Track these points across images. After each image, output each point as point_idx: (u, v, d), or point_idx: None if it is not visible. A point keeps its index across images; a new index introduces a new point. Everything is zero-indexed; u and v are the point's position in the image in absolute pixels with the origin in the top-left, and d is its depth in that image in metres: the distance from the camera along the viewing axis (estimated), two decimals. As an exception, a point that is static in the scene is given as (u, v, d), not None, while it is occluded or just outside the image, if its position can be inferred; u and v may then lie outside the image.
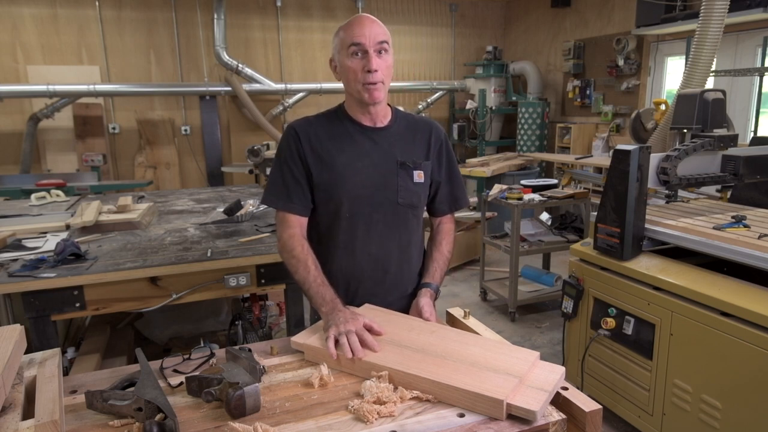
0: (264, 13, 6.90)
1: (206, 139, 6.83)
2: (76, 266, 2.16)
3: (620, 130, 6.17)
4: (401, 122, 1.68)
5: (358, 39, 1.48)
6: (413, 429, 1.04)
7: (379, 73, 1.50)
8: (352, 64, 1.50)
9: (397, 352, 1.26)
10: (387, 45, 1.52)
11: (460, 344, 1.28)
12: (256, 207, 3.08)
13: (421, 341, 1.31)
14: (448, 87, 7.70)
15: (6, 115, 6.02)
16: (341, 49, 1.52)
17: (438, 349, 1.25)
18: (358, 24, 1.50)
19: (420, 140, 1.68)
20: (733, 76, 4.89)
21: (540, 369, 1.17)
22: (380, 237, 1.62)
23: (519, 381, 1.11)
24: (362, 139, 1.61)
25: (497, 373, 1.14)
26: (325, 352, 1.28)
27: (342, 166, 1.58)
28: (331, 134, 1.61)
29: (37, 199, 3.61)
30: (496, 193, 4.20)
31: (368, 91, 1.52)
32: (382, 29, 1.52)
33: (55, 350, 1.28)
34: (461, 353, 1.23)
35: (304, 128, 1.61)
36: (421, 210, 1.73)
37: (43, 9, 6.00)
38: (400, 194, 1.62)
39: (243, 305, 3.07)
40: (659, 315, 2.31)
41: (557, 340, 3.68)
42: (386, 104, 1.64)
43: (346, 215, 1.60)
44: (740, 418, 2.01)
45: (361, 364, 1.24)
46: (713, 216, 2.60)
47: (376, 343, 1.29)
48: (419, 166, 1.64)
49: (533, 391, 1.09)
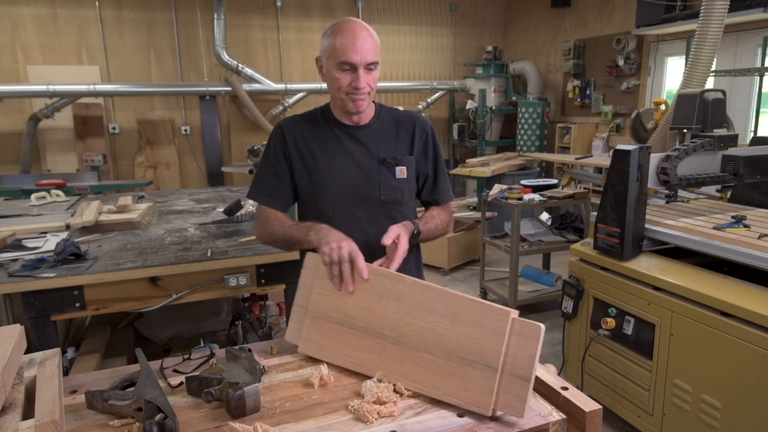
0: (264, 13, 6.89)
1: (206, 139, 6.83)
2: (76, 266, 2.16)
3: (620, 130, 6.16)
4: (384, 118, 1.70)
5: (350, 59, 1.49)
6: (413, 429, 1.04)
7: (366, 87, 1.53)
8: (340, 77, 1.52)
9: (378, 349, 1.24)
10: (377, 62, 1.54)
11: (430, 319, 1.18)
12: (256, 207, 3.08)
13: (391, 319, 1.23)
14: (448, 87, 7.70)
15: (6, 115, 6.02)
16: (330, 57, 1.53)
17: (413, 336, 1.19)
18: (351, 39, 1.49)
19: (404, 135, 1.69)
20: (733, 76, 4.89)
21: (517, 338, 1.08)
22: (363, 234, 1.60)
23: (499, 373, 1.07)
24: (345, 139, 1.64)
25: (475, 368, 1.10)
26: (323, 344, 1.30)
27: (324, 165, 1.63)
28: (315, 134, 1.65)
29: (37, 199, 3.60)
30: (496, 193, 4.20)
31: (353, 101, 1.55)
32: (373, 45, 1.52)
33: (55, 350, 1.28)
34: (434, 337, 1.17)
35: (290, 127, 1.66)
36: (409, 204, 1.73)
37: (43, 9, 6.00)
38: (383, 191, 1.64)
39: (243, 305, 3.07)
40: (659, 315, 2.31)
41: (557, 340, 3.68)
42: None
43: (328, 212, 1.63)
44: (740, 418, 2.01)
45: (350, 358, 1.26)
46: (713, 216, 2.60)
47: (365, 269, 1.29)
48: (401, 162, 1.66)
49: (516, 384, 1.05)
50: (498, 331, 1.09)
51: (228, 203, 3.15)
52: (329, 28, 1.55)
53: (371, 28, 1.56)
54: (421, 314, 1.20)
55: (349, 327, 1.30)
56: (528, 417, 1.06)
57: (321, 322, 1.34)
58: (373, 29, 1.58)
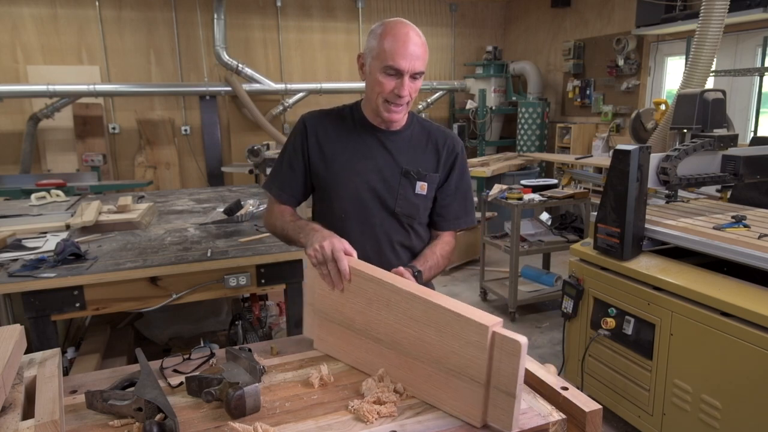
0: (264, 13, 6.90)
1: (206, 139, 6.83)
2: (76, 266, 2.16)
3: (620, 130, 6.16)
4: (416, 128, 1.64)
5: (398, 65, 1.43)
6: (413, 429, 1.04)
7: (408, 96, 1.48)
8: (384, 81, 1.47)
9: (377, 352, 1.23)
10: (422, 73, 1.49)
11: (417, 328, 1.15)
12: (256, 207, 3.08)
13: (383, 324, 1.22)
14: (448, 87, 7.70)
15: (6, 115, 6.02)
16: (376, 59, 1.46)
17: (404, 343, 1.17)
18: (402, 44, 1.43)
19: (431, 150, 1.63)
20: (733, 76, 4.89)
21: (499, 352, 1.02)
22: (375, 241, 1.60)
23: (485, 386, 1.04)
24: (371, 141, 1.59)
25: (462, 380, 1.07)
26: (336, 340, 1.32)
27: (341, 166, 1.57)
28: (340, 132, 1.60)
29: (37, 199, 3.60)
30: (496, 193, 4.20)
31: (389, 110, 1.51)
32: (423, 53, 1.46)
33: (55, 350, 1.28)
34: (423, 346, 1.13)
35: (314, 122, 1.62)
36: (422, 223, 1.68)
37: (43, 9, 6.00)
38: (399, 203, 1.59)
39: (243, 305, 3.07)
40: (659, 315, 2.31)
41: (557, 340, 3.68)
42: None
43: (341, 215, 1.60)
44: (740, 418, 2.01)
45: (356, 358, 1.27)
46: (713, 216, 2.60)
47: (347, 270, 1.26)
48: (424, 178, 1.60)
49: (502, 398, 1.02)
50: (479, 345, 1.03)
51: (228, 203, 3.15)
52: (379, 26, 1.49)
53: (422, 34, 1.49)
54: (409, 322, 1.17)
55: (349, 329, 1.30)
56: (528, 417, 1.06)
57: (327, 322, 1.35)
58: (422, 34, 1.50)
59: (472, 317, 1.05)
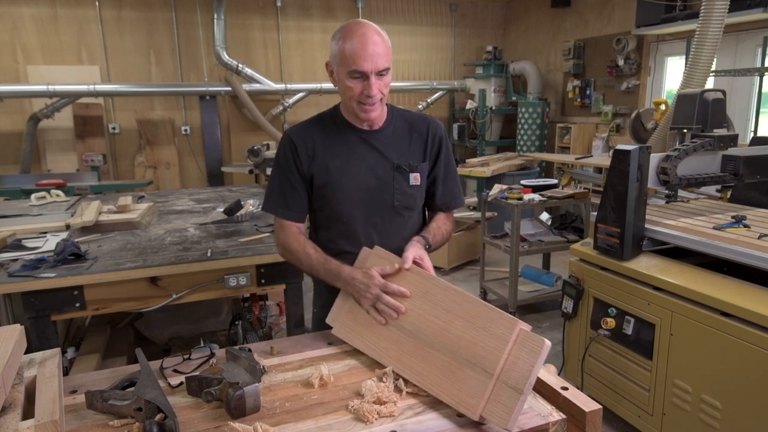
0: (264, 13, 6.89)
1: (206, 139, 6.83)
2: (76, 266, 2.16)
3: (620, 130, 6.16)
4: (397, 121, 1.66)
5: (361, 67, 1.44)
6: (413, 429, 1.04)
7: (377, 94, 1.50)
8: (352, 85, 1.48)
9: (395, 339, 1.32)
10: (389, 68, 1.50)
11: (447, 319, 1.25)
12: (256, 207, 3.08)
13: (413, 313, 1.33)
14: (448, 87, 7.70)
15: (6, 115, 6.02)
16: (340, 65, 1.48)
17: (427, 332, 1.27)
18: (361, 45, 1.43)
19: (417, 139, 1.67)
20: (733, 76, 4.89)
21: (519, 348, 1.09)
22: (381, 237, 1.62)
23: (494, 379, 1.08)
24: (357, 143, 1.61)
25: (473, 370, 1.12)
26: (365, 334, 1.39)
27: (337, 171, 1.59)
28: (326, 139, 1.61)
29: (37, 199, 3.61)
30: (496, 193, 4.20)
31: (364, 110, 1.52)
32: (384, 50, 1.46)
33: (55, 350, 1.28)
34: (446, 336, 1.23)
35: (299, 135, 1.62)
36: (417, 210, 1.72)
37: (43, 9, 6.00)
38: (396, 198, 1.63)
39: (243, 305, 3.07)
40: (659, 315, 2.31)
41: (557, 340, 3.68)
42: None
43: (344, 220, 1.62)
44: (740, 418, 2.01)
45: (372, 345, 1.35)
46: (713, 216, 2.60)
47: (398, 304, 1.36)
48: (416, 169, 1.64)
49: (506, 393, 1.05)
50: (503, 337, 1.12)
51: (228, 203, 3.15)
52: (338, 32, 1.49)
53: (382, 30, 1.49)
54: (440, 313, 1.27)
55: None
56: (528, 417, 1.06)
57: (358, 309, 1.44)
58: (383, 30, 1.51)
59: (505, 312, 1.17)
